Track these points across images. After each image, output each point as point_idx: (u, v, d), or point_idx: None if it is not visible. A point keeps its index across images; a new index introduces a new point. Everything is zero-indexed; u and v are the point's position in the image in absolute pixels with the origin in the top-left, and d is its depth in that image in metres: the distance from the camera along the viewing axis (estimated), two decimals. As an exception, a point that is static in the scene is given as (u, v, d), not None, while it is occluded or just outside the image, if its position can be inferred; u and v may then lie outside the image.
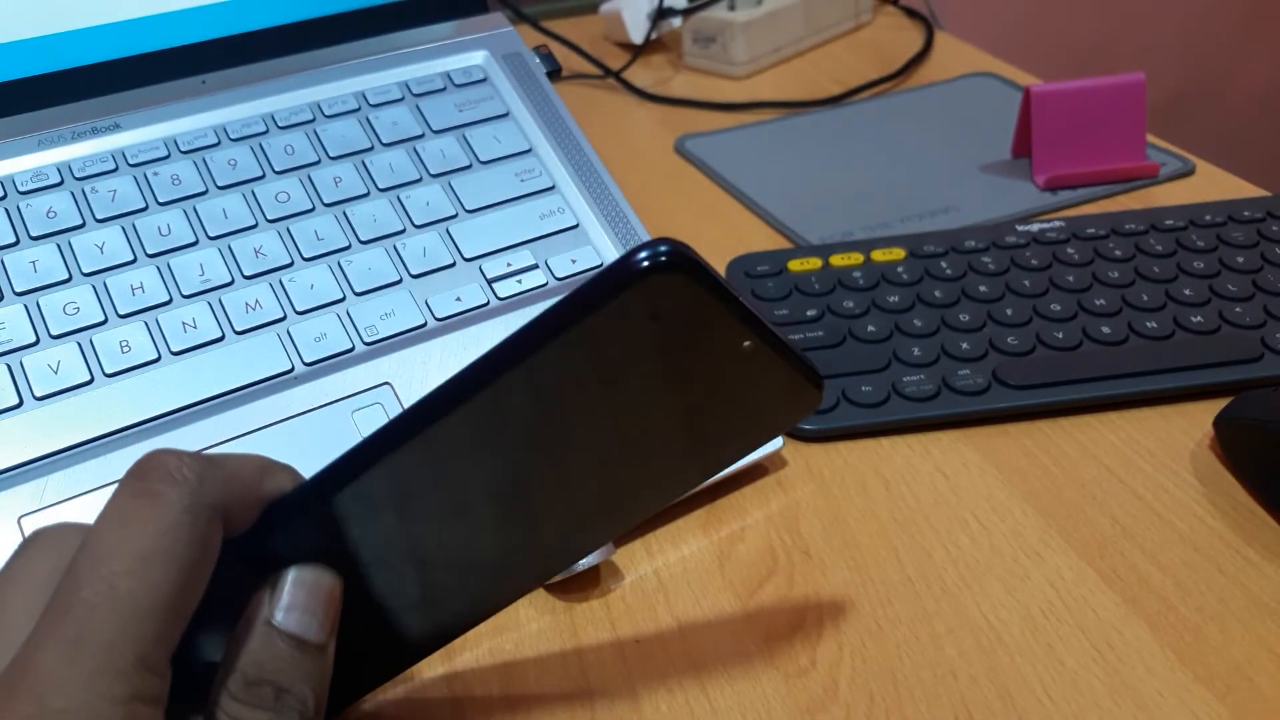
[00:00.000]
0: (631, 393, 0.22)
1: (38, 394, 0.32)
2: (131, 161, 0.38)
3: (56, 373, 0.33)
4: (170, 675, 0.20)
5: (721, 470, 0.26)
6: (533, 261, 0.39)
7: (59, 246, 0.36)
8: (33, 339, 0.33)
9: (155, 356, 0.34)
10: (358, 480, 0.23)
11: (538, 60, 0.45)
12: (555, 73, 0.45)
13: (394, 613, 0.25)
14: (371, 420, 0.34)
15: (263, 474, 0.23)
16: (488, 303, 0.37)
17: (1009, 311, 0.42)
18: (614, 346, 0.21)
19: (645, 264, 0.20)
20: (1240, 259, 0.44)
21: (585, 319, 0.21)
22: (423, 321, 0.36)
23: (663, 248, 0.20)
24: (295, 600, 0.22)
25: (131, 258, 0.36)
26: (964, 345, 0.40)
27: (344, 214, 0.39)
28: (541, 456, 0.23)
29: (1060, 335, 0.40)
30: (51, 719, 0.18)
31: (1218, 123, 1.32)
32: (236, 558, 0.23)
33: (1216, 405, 0.37)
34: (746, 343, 0.22)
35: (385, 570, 0.24)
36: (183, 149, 0.39)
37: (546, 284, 0.38)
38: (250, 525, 0.23)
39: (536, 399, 0.22)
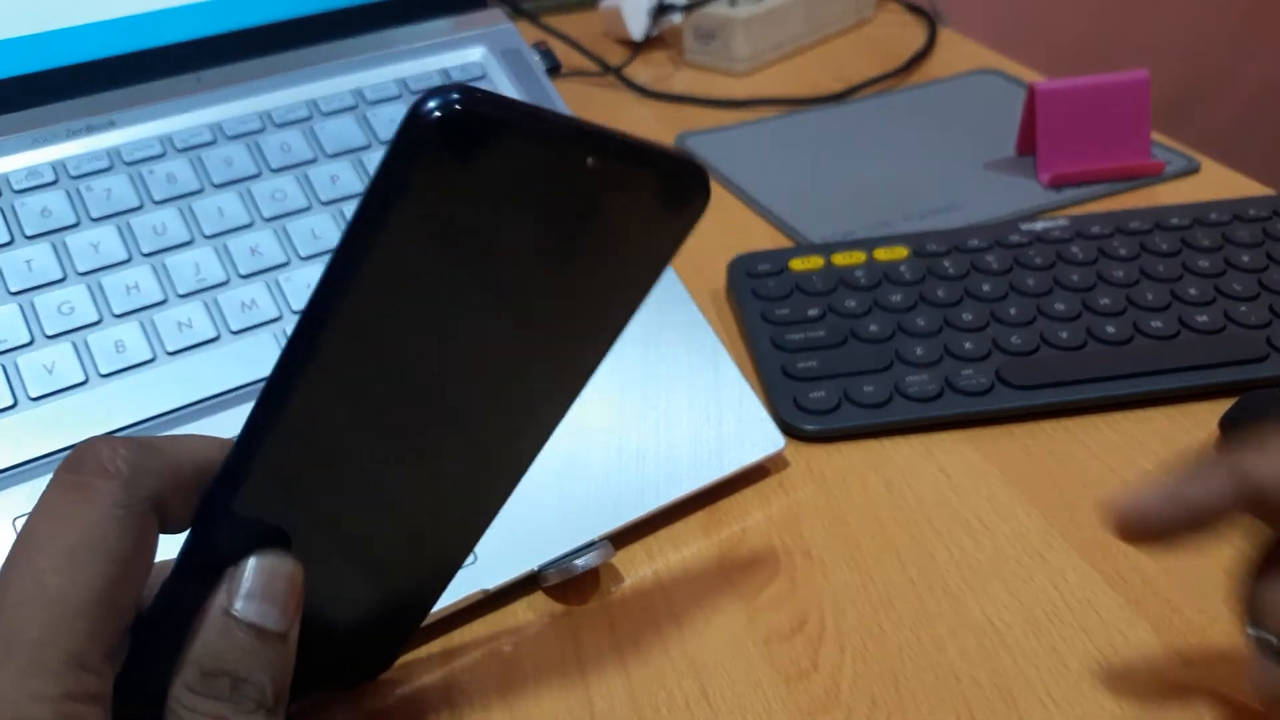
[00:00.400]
0: (496, 262, 0.20)
1: (32, 394, 0.32)
2: (126, 160, 0.38)
3: (51, 373, 0.33)
4: (110, 672, 0.20)
5: (638, 304, 0.23)
6: (532, 260, 0.39)
7: (54, 245, 0.35)
8: (27, 339, 0.33)
9: (150, 356, 0.34)
10: (266, 449, 0.21)
11: (537, 57, 0.45)
12: (555, 69, 0.45)
13: (380, 569, 0.25)
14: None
15: (205, 458, 0.22)
16: (486, 302, 0.37)
17: (1012, 311, 0.41)
18: (442, 223, 0.19)
19: (424, 132, 0.17)
20: (1245, 258, 0.44)
21: (391, 215, 0.18)
22: (421, 321, 0.36)
23: (431, 105, 0.17)
24: (254, 588, 0.22)
25: (127, 257, 0.36)
26: (967, 345, 0.40)
27: (341, 212, 0.38)
28: (432, 362, 0.21)
29: (1064, 335, 0.40)
30: None
31: (1223, 120, 1.31)
32: (192, 551, 0.22)
33: (1222, 405, 0.36)
34: (590, 160, 0.19)
35: (351, 528, 0.23)
36: (178, 147, 0.39)
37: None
38: (193, 514, 0.22)
39: (393, 304, 0.20)
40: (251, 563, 0.22)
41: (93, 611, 0.19)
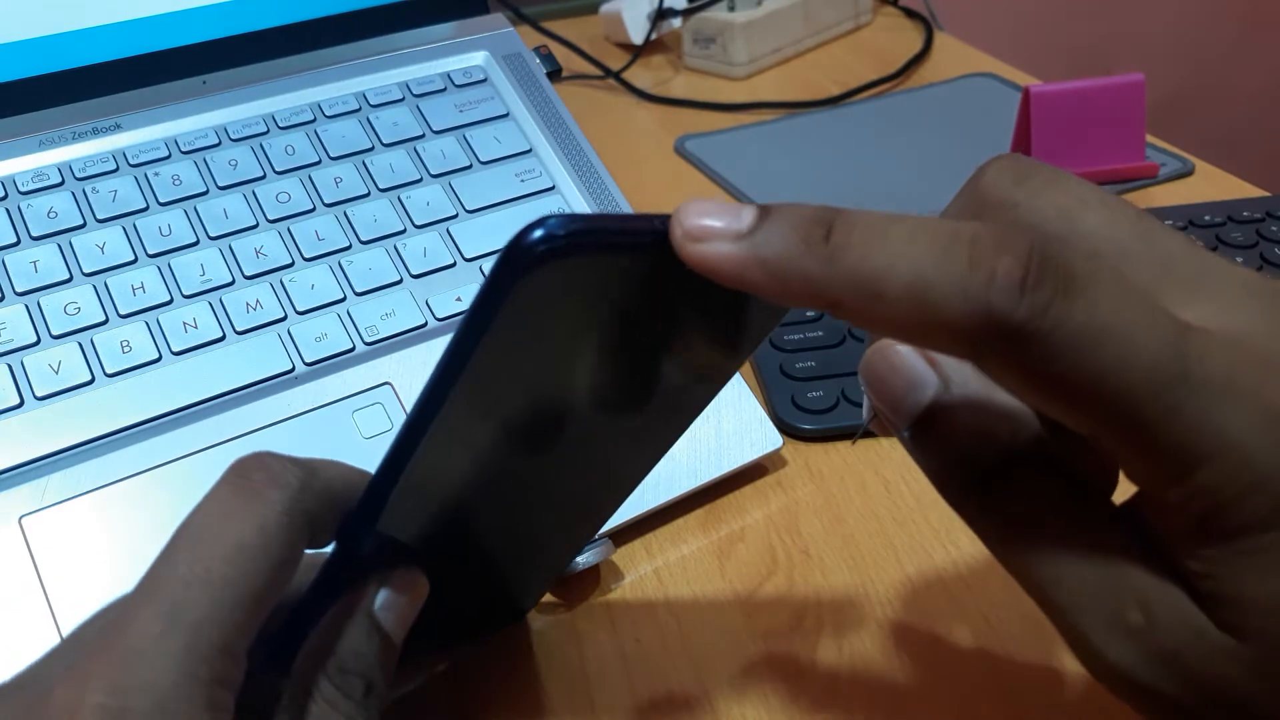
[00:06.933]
0: (595, 356, 0.21)
1: (39, 394, 0.32)
2: (132, 162, 0.38)
3: (57, 373, 0.33)
4: (245, 667, 0.20)
5: (737, 368, 0.25)
6: (533, 262, 0.39)
7: (60, 247, 0.36)
8: (34, 339, 0.34)
9: (156, 356, 0.34)
10: (399, 487, 0.22)
11: (538, 61, 0.45)
12: (555, 73, 0.45)
13: (490, 573, 0.28)
14: (372, 420, 0.34)
15: (351, 484, 0.23)
16: (488, 303, 0.38)
17: (1008, 312, 0.42)
18: (531, 339, 0.19)
19: (519, 269, 0.18)
20: (1239, 259, 0.44)
21: (490, 337, 0.19)
22: (423, 322, 0.36)
23: (534, 240, 0.17)
24: (394, 601, 0.23)
25: (132, 258, 0.36)
26: (963, 345, 0.40)
27: (344, 214, 0.39)
28: (539, 437, 0.23)
29: (1059, 335, 0.40)
30: (138, 689, 0.18)
31: (1217, 123, 1.32)
32: (338, 560, 0.23)
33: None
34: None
35: (468, 546, 0.26)
36: (183, 149, 0.39)
37: (547, 284, 0.38)
38: (338, 530, 0.23)
39: (498, 393, 0.21)
40: (396, 575, 0.23)
41: (249, 605, 0.20)
